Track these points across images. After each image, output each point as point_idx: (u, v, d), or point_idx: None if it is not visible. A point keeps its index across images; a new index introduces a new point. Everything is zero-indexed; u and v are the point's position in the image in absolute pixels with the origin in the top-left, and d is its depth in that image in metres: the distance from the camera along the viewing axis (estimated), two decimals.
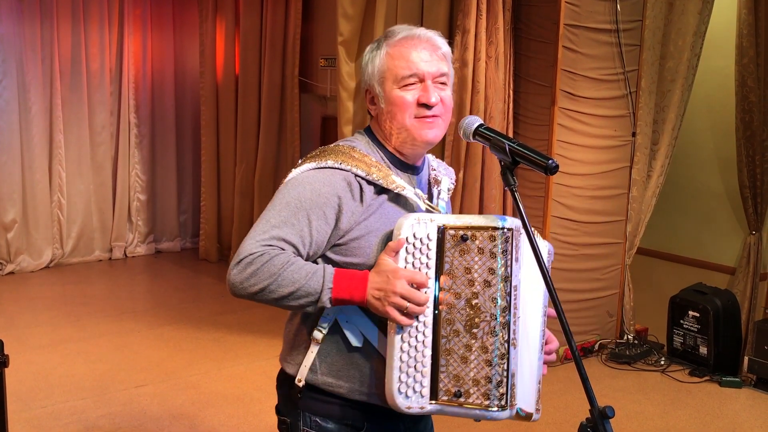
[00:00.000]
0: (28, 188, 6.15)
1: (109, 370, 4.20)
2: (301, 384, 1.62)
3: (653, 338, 4.79)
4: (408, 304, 1.46)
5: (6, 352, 2.60)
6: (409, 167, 1.70)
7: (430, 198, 1.73)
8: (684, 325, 4.48)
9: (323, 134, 6.29)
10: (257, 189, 6.25)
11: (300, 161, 1.65)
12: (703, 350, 4.38)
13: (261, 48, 6.20)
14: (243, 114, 6.32)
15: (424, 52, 1.62)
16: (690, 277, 4.77)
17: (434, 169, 1.79)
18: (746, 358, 4.25)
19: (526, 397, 1.58)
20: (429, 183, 1.77)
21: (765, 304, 4.55)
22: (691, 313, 4.43)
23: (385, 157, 1.67)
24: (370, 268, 1.53)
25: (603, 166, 4.47)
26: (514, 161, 1.52)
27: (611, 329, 4.71)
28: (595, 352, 4.60)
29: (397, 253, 1.49)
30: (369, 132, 1.71)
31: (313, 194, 1.54)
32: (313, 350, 1.61)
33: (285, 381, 1.71)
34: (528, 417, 1.58)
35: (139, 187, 6.78)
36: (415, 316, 1.48)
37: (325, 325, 1.58)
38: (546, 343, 1.69)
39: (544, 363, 1.68)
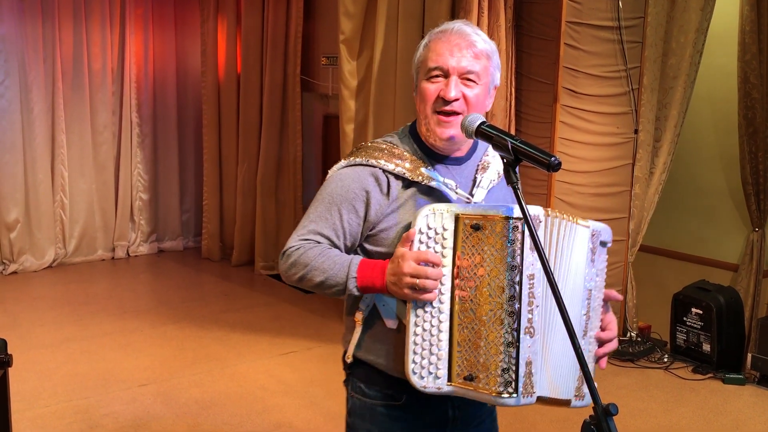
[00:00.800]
0: (31, 188, 6.16)
1: (112, 369, 4.21)
2: (349, 360, 1.75)
3: (656, 335, 4.78)
4: (418, 281, 1.52)
5: (9, 352, 2.60)
6: (448, 158, 1.73)
7: (473, 186, 1.74)
8: (687, 323, 4.47)
9: (325, 133, 6.29)
10: (259, 188, 6.25)
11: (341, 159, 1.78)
12: (707, 347, 4.37)
13: (262, 47, 6.20)
14: (245, 113, 6.32)
15: (456, 48, 1.64)
16: (693, 274, 4.76)
17: (488, 155, 1.80)
18: (749, 355, 4.24)
19: (554, 384, 1.60)
20: (477, 170, 1.77)
21: None
22: (694, 310, 4.42)
23: (419, 149, 1.72)
24: None
25: (605, 163, 4.47)
26: (517, 159, 1.52)
27: None
28: None
29: (411, 242, 1.56)
30: (412, 125, 1.77)
31: (342, 190, 1.68)
32: (358, 330, 1.71)
33: (343, 354, 1.82)
34: (562, 403, 1.63)
35: (142, 186, 6.78)
36: (430, 303, 1.54)
37: (364, 307, 1.69)
38: (603, 329, 1.71)
39: (598, 355, 1.71)
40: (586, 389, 1.66)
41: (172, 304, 5.45)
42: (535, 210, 1.53)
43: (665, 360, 4.49)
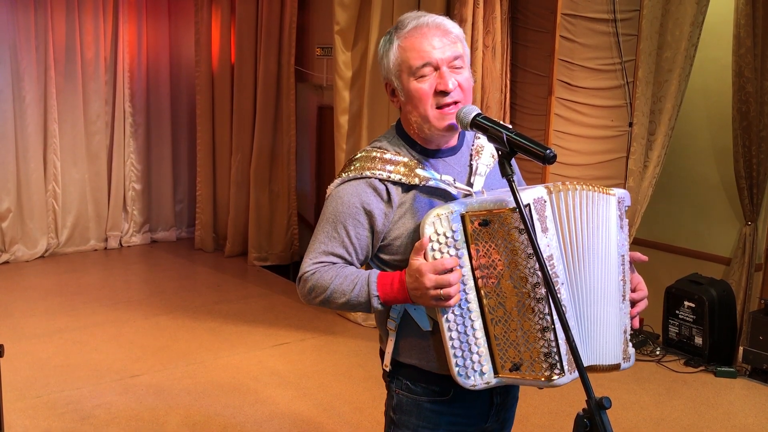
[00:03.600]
0: (23, 177, 6.13)
1: (104, 359, 4.20)
2: (387, 369, 1.76)
3: (648, 328, 4.80)
4: (442, 291, 1.52)
5: (1, 342, 2.59)
6: (441, 152, 1.72)
7: (470, 174, 1.73)
8: (679, 316, 4.49)
9: (319, 124, 6.27)
10: (253, 178, 6.23)
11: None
12: (698, 340, 4.39)
13: (257, 37, 6.17)
14: (239, 103, 6.29)
15: (435, 39, 1.63)
16: (685, 267, 4.77)
17: (479, 137, 1.79)
18: (741, 349, 4.26)
19: (598, 351, 1.64)
20: (471, 156, 1.76)
21: (760, 294, 4.56)
22: (686, 303, 4.44)
23: (411, 149, 1.71)
24: None
25: (599, 156, 4.46)
26: (512, 151, 1.52)
27: None
28: None
29: (424, 252, 1.56)
30: (398, 125, 1.76)
31: (344, 207, 1.67)
32: (392, 338, 1.73)
33: (383, 356, 1.81)
34: (612, 368, 1.66)
35: (135, 176, 6.76)
36: (458, 305, 1.56)
37: (395, 315, 1.70)
38: (633, 290, 1.74)
39: (632, 315, 1.73)
40: (631, 350, 1.71)
41: (165, 295, 5.44)
42: (537, 192, 1.54)
43: (657, 353, 4.51)
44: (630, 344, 1.72)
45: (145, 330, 4.70)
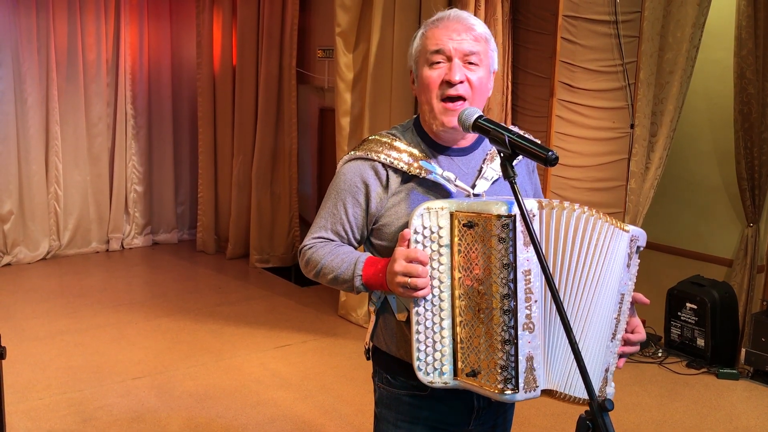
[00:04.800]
0: (25, 179, 6.13)
1: (106, 361, 4.20)
2: (366, 346, 1.81)
3: (651, 330, 4.79)
4: (409, 279, 1.53)
5: (3, 344, 2.59)
6: (451, 150, 1.72)
7: (477, 178, 1.72)
8: (681, 317, 4.48)
9: (321, 125, 6.28)
10: (254, 180, 6.24)
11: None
12: (701, 342, 4.39)
13: (258, 39, 6.18)
14: (240, 105, 6.30)
15: (455, 32, 1.65)
16: (688, 269, 4.77)
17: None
18: (743, 350, 4.25)
19: (565, 380, 1.60)
20: (483, 161, 1.75)
21: (762, 296, 4.56)
22: (688, 305, 4.44)
23: (422, 141, 1.72)
24: None
25: (601, 158, 4.46)
26: (514, 153, 1.51)
27: None
28: None
29: (408, 242, 1.56)
30: (417, 117, 1.77)
31: (345, 184, 1.72)
32: (372, 320, 1.77)
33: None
34: (578, 402, 1.61)
35: (136, 178, 6.76)
36: (430, 301, 1.56)
37: (375, 299, 1.73)
38: (631, 332, 1.71)
39: (620, 354, 1.70)
40: (611, 389, 1.67)
41: (167, 297, 5.44)
42: (527, 205, 1.50)
43: (659, 354, 4.50)
44: (611, 384, 1.68)
45: (147, 332, 4.70)
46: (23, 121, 6.07)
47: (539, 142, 1.58)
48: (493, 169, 1.73)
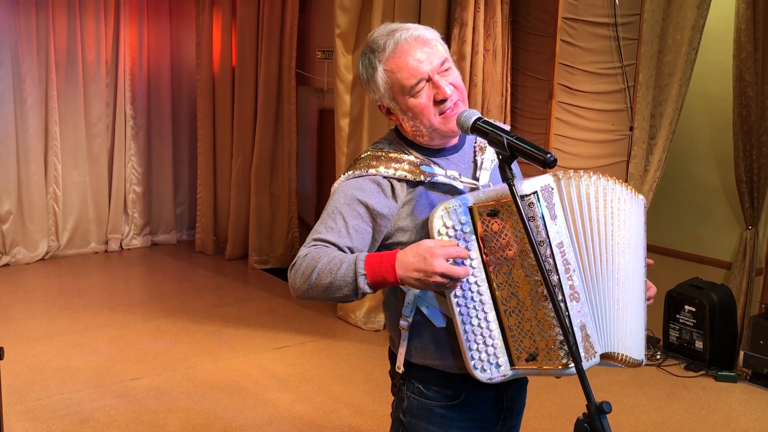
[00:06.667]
0: (24, 180, 6.13)
1: (104, 362, 4.20)
2: (400, 371, 1.74)
3: (649, 333, 4.79)
4: (448, 282, 1.50)
5: (1, 345, 2.59)
6: (443, 150, 1.72)
7: (475, 169, 1.74)
8: (680, 320, 4.48)
9: (320, 127, 6.28)
10: (254, 181, 6.24)
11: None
12: (699, 345, 4.39)
13: (258, 40, 6.18)
14: (239, 106, 6.30)
15: (419, 52, 1.62)
16: (686, 271, 4.77)
17: None
18: (742, 353, 4.25)
19: (619, 341, 1.64)
20: (475, 152, 1.77)
21: (761, 298, 4.56)
22: (687, 307, 4.44)
23: (413, 150, 1.71)
24: None
25: (600, 160, 4.46)
26: (512, 155, 1.52)
27: None
28: None
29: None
30: (396, 130, 1.76)
31: (345, 198, 1.64)
32: (405, 338, 1.70)
33: (392, 358, 1.80)
34: (632, 363, 1.66)
35: (135, 179, 6.76)
36: (471, 299, 1.55)
37: (408, 313, 1.67)
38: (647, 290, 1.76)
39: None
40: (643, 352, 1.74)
41: (165, 298, 5.44)
42: (544, 180, 1.55)
43: (658, 357, 4.50)
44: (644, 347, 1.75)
45: (145, 333, 4.69)
46: (22, 122, 6.07)
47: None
48: (487, 158, 1.75)
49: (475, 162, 1.75)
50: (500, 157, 1.54)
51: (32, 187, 6.17)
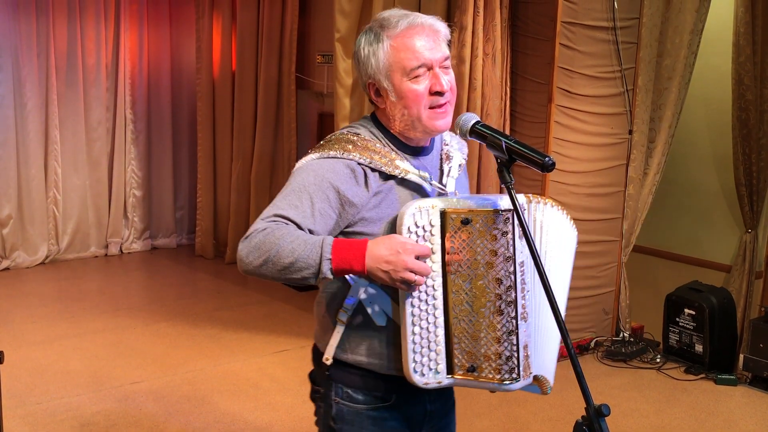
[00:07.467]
0: (24, 184, 6.13)
1: (104, 366, 4.20)
2: (328, 362, 1.70)
3: (649, 336, 4.79)
4: (416, 277, 1.50)
5: (1, 349, 2.59)
6: (416, 149, 1.71)
7: (441, 176, 1.74)
8: (680, 323, 4.48)
9: (320, 131, 6.29)
10: (253, 185, 6.24)
11: (308, 152, 1.68)
12: (699, 348, 4.39)
13: (258, 44, 6.19)
14: (239, 110, 6.30)
15: (429, 40, 1.63)
16: (686, 274, 4.77)
17: (447, 144, 1.80)
18: (741, 356, 4.25)
19: (543, 365, 1.67)
20: (441, 159, 1.77)
21: (760, 301, 4.56)
22: (686, 310, 4.44)
23: (389, 143, 1.68)
24: None
25: (599, 163, 4.47)
26: (511, 159, 1.53)
27: (607, 327, 4.72)
28: (590, 349, 4.60)
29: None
30: (374, 118, 1.72)
31: (316, 179, 1.57)
32: (339, 330, 1.67)
33: (317, 356, 1.78)
34: (542, 384, 1.68)
35: (135, 183, 6.76)
36: (425, 301, 1.55)
37: (350, 306, 1.63)
38: None
39: None
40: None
41: (165, 302, 5.44)
42: (520, 199, 1.58)
43: (658, 360, 4.50)
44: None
45: (145, 337, 4.69)
46: (23, 126, 6.08)
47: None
48: (454, 167, 1.76)
49: (441, 169, 1.75)
50: (499, 161, 1.54)
51: (32, 191, 6.17)
